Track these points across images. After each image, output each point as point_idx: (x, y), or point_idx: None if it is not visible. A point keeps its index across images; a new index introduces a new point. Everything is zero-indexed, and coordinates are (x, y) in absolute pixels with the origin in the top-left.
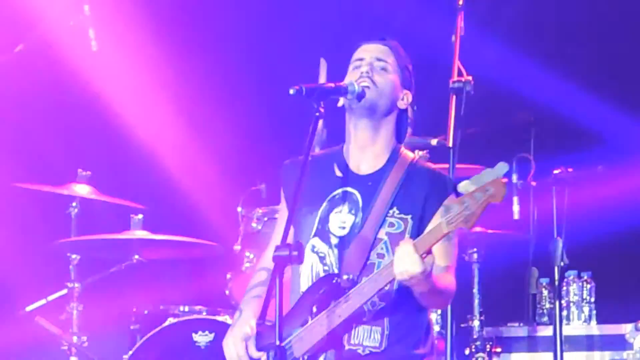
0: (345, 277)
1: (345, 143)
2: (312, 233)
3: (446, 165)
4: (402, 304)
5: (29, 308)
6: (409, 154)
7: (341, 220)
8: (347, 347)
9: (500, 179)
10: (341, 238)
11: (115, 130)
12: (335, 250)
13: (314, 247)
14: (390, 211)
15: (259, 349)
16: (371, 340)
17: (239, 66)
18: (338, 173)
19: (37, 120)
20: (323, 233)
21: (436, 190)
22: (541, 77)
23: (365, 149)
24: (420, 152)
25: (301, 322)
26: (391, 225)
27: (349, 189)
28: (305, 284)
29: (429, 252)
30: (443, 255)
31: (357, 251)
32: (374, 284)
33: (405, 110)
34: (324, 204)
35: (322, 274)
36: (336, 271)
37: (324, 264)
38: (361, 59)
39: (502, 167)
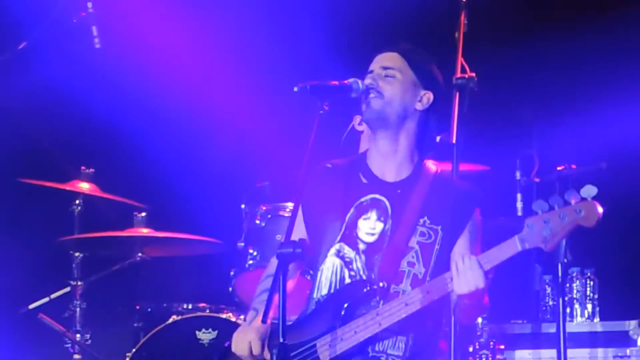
0: (380, 284)
1: (369, 150)
2: (338, 238)
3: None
4: (428, 316)
5: (32, 306)
6: (432, 165)
7: (370, 227)
8: (370, 354)
9: (593, 202)
10: (369, 244)
11: (118, 128)
12: (363, 257)
13: (339, 251)
14: (421, 220)
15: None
16: (395, 349)
17: (244, 63)
18: (364, 180)
19: (41, 117)
20: (350, 238)
21: (464, 203)
22: (545, 73)
23: (388, 158)
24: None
25: (327, 326)
26: (422, 234)
27: (377, 195)
28: (325, 286)
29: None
30: None
31: (388, 259)
32: (424, 295)
33: (428, 111)
34: (352, 210)
35: (347, 279)
36: (363, 277)
37: (350, 269)
38: (371, 72)
39: (590, 189)
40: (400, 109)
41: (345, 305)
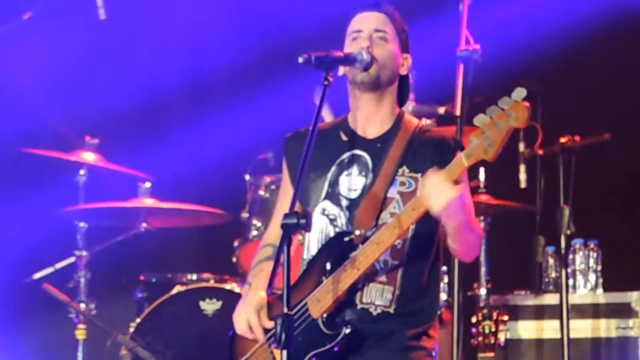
0: (357, 232)
1: (351, 112)
2: (322, 196)
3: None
4: (415, 264)
5: (36, 276)
6: (413, 120)
7: (352, 182)
8: (359, 306)
9: (521, 102)
10: (352, 200)
11: (123, 98)
12: (347, 212)
13: (324, 209)
14: (400, 170)
15: (270, 319)
16: (382, 299)
17: (248, 34)
18: (344, 138)
19: (46, 87)
20: (333, 196)
21: (445, 148)
22: (549, 44)
23: (370, 117)
24: (428, 121)
25: (315, 283)
26: (402, 184)
27: (357, 151)
28: (314, 247)
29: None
30: None
31: (368, 210)
32: (392, 231)
33: (406, 75)
34: (333, 168)
35: (332, 235)
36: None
37: (335, 226)
38: (359, 31)
39: (519, 91)
40: (391, 73)
41: (329, 256)
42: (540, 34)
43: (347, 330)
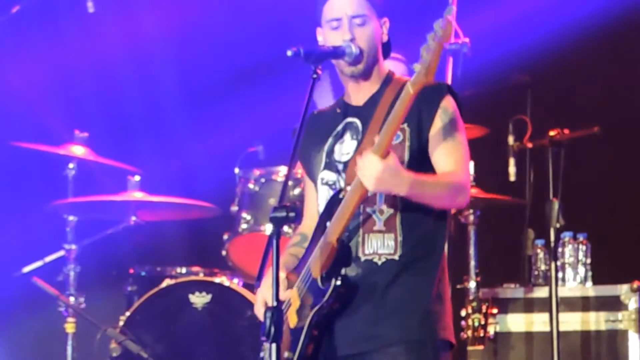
0: (349, 188)
1: (345, 88)
2: (322, 167)
3: None
4: (412, 209)
5: (25, 269)
6: (402, 77)
7: (345, 147)
8: (363, 259)
9: (446, 17)
10: (345, 163)
11: (113, 91)
12: (343, 175)
13: (323, 179)
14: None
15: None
16: (385, 247)
17: (237, 27)
18: (338, 110)
19: (35, 80)
20: (330, 164)
21: (431, 94)
22: (538, 37)
23: (360, 87)
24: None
25: (317, 246)
26: None
27: (349, 119)
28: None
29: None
30: (448, 154)
31: (354, 159)
32: (353, 197)
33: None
34: (329, 140)
35: None
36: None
37: (335, 190)
38: (338, 19)
39: (449, 8)
40: (376, 52)
41: (328, 216)
42: (529, 27)
43: (337, 283)
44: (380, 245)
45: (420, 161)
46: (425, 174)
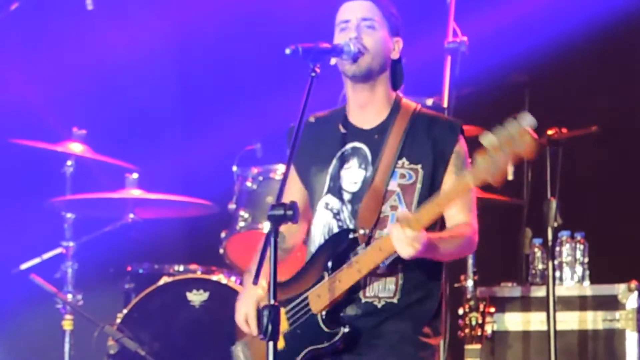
0: (361, 231)
1: (347, 102)
2: (325, 191)
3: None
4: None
5: (23, 266)
6: (410, 103)
7: (352, 175)
8: (363, 300)
9: (527, 130)
10: (354, 194)
11: (111, 89)
12: (349, 206)
13: (327, 204)
14: (400, 162)
15: (258, 310)
16: (386, 291)
17: (236, 25)
18: (342, 130)
19: (33, 78)
20: (335, 190)
21: (444, 135)
22: (536, 38)
23: (366, 107)
24: (430, 101)
25: (316, 278)
26: (402, 176)
27: (356, 143)
28: (318, 240)
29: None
30: (461, 208)
31: (370, 205)
32: (379, 253)
33: (399, 58)
34: (334, 162)
35: (335, 229)
36: (350, 226)
37: (338, 220)
38: (347, 21)
39: (524, 116)
40: (382, 61)
41: (332, 253)
42: (527, 26)
43: (346, 330)
44: (381, 289)
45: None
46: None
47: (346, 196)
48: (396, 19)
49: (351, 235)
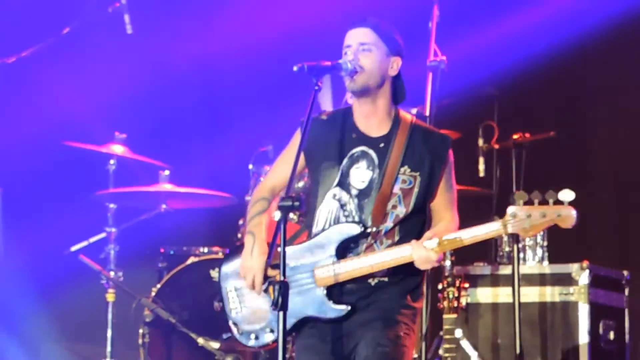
0: (374, 229)
1: (353, 110)
2: (335, 183)
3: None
4: (406, 240)
5: (73, 248)
6: (407, 116)
7: (361, 174)
8: (360, 279)
9: (570, 207)
10: (360, 190)
11: (147, 101)
12: (356, 200)
13: (335, 195)
14: (402, 169)
15: (268, 283)
16: (380, 273)
17: (252, 47)
18: (354, 135)
19: (82, 90)
20: (344, 184)
21: (438, 149)
22: (505, 58)
23: (370, 117)
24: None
25: (323, 256)
26: (403, 181)
27: (365, 148)
28: (322, 223)
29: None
30: (448, 204)
31: (377, 204)
32: (394, 261)
33: (398, 75)
34: (345, 160)
35: (342, 218)
36: (356, 218)
37: (344, 210)
38: (349, 46)
39: (568, 193)
40: (379, 78)
41: (342, 241)
42: (497, 49)
43: (349, 308)
44: (377, 271)
45: (422, 204)
46: (419, 212)
47: (353, 191)
48: (395, 41)
49: (361, 229)
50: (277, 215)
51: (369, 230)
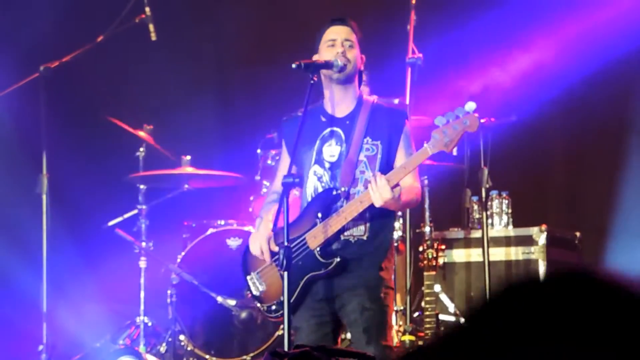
0: (342, 189)
1: (324, 99)
2: (312, 162)
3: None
4: (379, 208)
5: (110, 223)
6: (369, 98)
7: (332, 150)
8: (342, 238)
9: (473, 114)
10: (332, 163)
11: (171, 97)
12: (329, 172)
13: (315, 172)
14: (365, 139)
15: (276, 244)
16: (358, 231)
17: (257, 50)
18: (323, 119)
19: (113, 87)
20: (320, 161)
21: (395, 120)
22: (474, 54)
23: (340, 101)
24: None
25: (311, 224)
26: (367, 149)
27: (334, 128)
28: (309, 197)
29: (397, 184)
30: (411, 174)
31: (346, 171)
32: (359, 204)
33: (363, 69)
34: (318, 141)
35: (320, 189)
36: (331, 185)
37: (321, 182)
38: (333, 40)
39: (471, 104)
40: (356, 69)
41: (320, 206)
42: (466, 46)
43: (338, 259)
44: (355, 230)
45: (387, 169)
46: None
47: (327, 165)
48: (362, 42)
49: (335, 192)
50: (274, 189)
51: (340, 191)
